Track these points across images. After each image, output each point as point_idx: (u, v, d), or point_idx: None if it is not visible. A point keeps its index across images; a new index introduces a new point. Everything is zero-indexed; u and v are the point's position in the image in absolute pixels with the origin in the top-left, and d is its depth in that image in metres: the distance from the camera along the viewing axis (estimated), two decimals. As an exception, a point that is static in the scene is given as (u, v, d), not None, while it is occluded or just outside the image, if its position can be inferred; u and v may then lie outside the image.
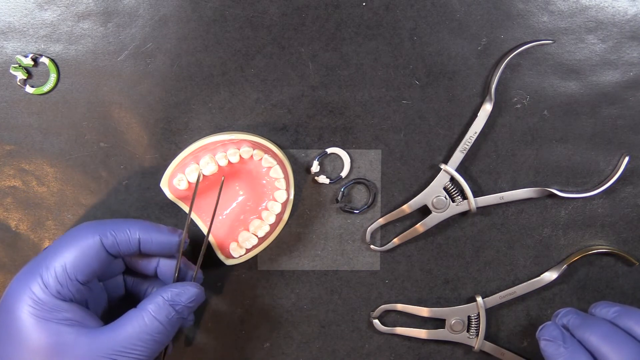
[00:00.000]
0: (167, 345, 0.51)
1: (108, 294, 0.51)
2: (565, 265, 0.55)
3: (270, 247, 0.55)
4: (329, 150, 0.55)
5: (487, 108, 0.54)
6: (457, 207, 0.55)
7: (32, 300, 0.43)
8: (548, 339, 0.48)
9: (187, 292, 0.47)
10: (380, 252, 0.56)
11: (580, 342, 0.47)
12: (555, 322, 0.50)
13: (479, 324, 0.55)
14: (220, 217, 0.53)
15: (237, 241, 0.53)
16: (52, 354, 0.43)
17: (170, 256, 0.50)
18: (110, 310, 0.51)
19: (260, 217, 0.52)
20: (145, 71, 0.54)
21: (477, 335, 0.56)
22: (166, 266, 0.50)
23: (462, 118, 0.55)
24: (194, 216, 0.53)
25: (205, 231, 0.53)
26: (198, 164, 0.50)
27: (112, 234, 0.46)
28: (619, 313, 0.47)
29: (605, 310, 0.48)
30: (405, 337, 0.57)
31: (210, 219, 0.53)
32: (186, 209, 0.53)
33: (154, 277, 0.52)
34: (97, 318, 0.46)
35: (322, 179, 0.55)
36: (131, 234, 0.47)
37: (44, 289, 0.44)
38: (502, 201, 0.55)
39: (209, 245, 0.54)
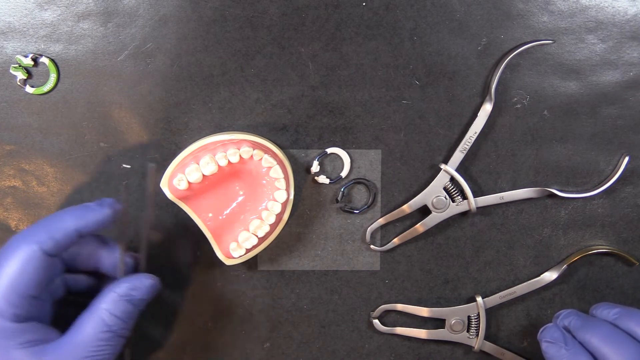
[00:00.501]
0: (125, 348, 0.49)
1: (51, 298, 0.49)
2: (565, 265, 0.55)
3: (270, 247, 0.55)
4: (329, 150, 0.55)
5: (487, 108, 0.54)
6: (457, 207, 0.55)
7: None
8: (549, 340, 0.48)
9: (142, 285, 0.46)
10: (380, 252, 0.56)
11: (581, 343, 0.47)
12: (556, 323, 0.50)
13: (479, 324, 0.55)
14: (220, 217, 0.53)
15: (237, 241, 0.53)
16: None
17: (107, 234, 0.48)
18: (55, 315, 0.48)
19: (260, 217, 0.52)
20: (145, 71, 0.54)
21: (477, 335, 0.56)
22: (108, 258, 0.48)
23: (462, 118, 0.55)
24: (194, 215, 0.53)
25: (205, 230, 0.53)
26: (198, 164, 0.50)
27: (49, 237, 0.44)
28: (620, 314, 0.47)
29: (606, 311, 0.48)
30: (405, 337, 0.57)
31: (210, 218, 0.53)
32: (186, 208, 0.53)
33: (93, 273, 0.50)
34: (55, 329, 0.44)
35: (322, 179, 0.55)
36: (66, 226, 0.44)
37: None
38: (502, 201, 0.55)
39: (210, 245, 0.54)
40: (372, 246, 0.56)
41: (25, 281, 0.43)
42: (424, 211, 0.55)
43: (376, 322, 0.56)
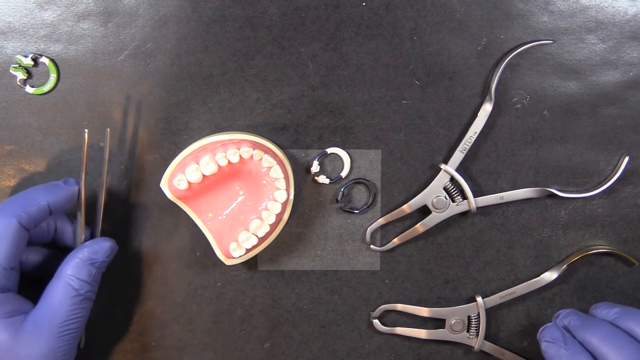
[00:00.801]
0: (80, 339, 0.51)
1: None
2: (565, 265, 0.55)
3: (270, 247, 0.55)
4: (329, 150, 0.55)
5: (487, 108, 0.54)
6: (457, 207, 0.55)
7: None
8: (549, 340, 0.48)
9: (102, 248, 0.48)
10: (380, 252, 0.56)
11: (581, 343, 0.47)
12: (556, 323, 0.50)
13: (479, 324, 0.55)
14: (220, 217, 0.53)
15: (237, 241, 0.53)
16: (4, 354, 0.44)
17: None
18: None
19: (260, 217, 0.52)
20: (145, 71, 0.54)
21: (477, 335, 0.56)
22: (65, 232, 0.51)
23: (462, 118, 0.55)
24: (194, 216, 0.53)
25: (205, 230, 0.53)
26: (198, 164, 0.50)
27: (24, 212, 0.46)
28: (620, 314, 0.47)
29: (606, 311, 0.48)
30: (405, 337, 0.57)
31: (210, 218, 0.53)
32: (186, 208, 0.53)
33: (48, 245, 0.52)
34: (28, 300, 0.46)
35: (322, 179, 0.55)
36: (40, 202, 0.47)
37: None
38: (502, 201, 0.55)
39: (210, 245, 0.54)
40: (372, 246, 0.56)
41: (6, 253, 0.45)
42: (424, 211, 0.55)
43: (376, 322, 0.56)
